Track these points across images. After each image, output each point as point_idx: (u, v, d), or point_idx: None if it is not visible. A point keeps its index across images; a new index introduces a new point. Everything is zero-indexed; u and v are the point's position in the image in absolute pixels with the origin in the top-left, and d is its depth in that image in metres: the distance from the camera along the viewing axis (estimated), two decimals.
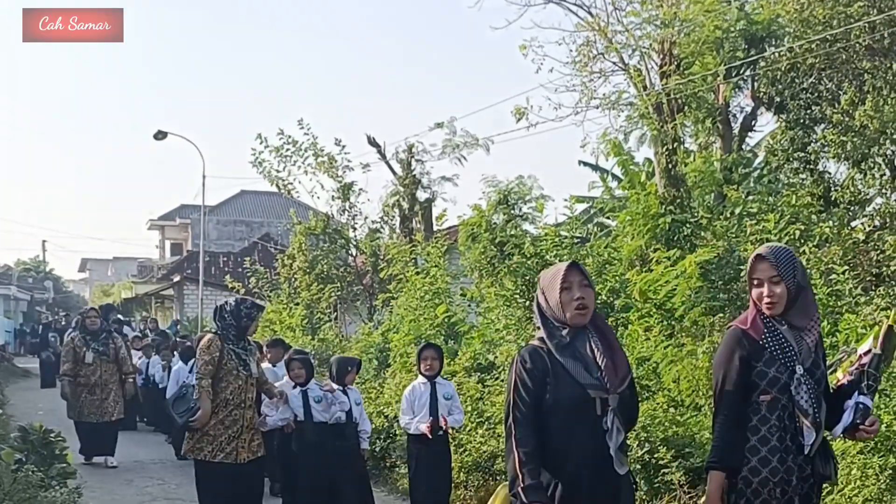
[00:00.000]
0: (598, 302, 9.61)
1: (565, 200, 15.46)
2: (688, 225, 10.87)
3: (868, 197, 11.40)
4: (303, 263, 16.81)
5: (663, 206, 11.13)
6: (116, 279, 52.39)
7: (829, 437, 3.88)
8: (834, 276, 8.14)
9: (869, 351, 3.71)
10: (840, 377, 3.93)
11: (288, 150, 16.74)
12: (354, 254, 17.45)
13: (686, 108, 12.31)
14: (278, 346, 9.41)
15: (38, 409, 15.95)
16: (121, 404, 10.52)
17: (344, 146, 16.83)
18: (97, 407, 10.27)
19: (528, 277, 10.30)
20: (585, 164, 19.07)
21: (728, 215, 10.62)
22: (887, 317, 3.95)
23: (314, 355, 14.32)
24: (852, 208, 11.26)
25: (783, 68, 11.66)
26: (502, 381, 9.12)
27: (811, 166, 11.75)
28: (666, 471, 6.62)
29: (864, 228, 10.60)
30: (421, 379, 7.09)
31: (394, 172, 17.18)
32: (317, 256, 16.79)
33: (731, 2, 12.22)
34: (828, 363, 6.25)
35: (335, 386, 7.27)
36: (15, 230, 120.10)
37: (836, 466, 3.89)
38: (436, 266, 12.74)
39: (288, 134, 16.78)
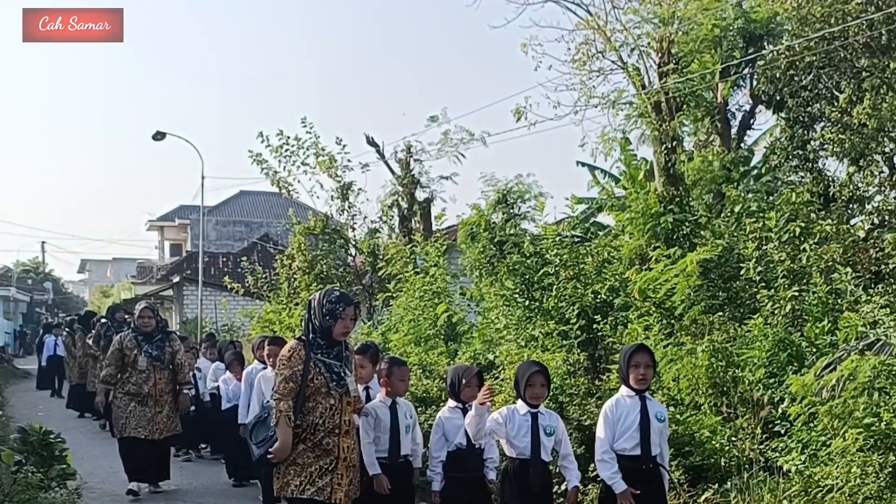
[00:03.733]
0: (598, 301, 9.66)
1: (566, 199, 15.48)
2: (687, 223, 10.87)
3: (867, 195, 11.40)
4: (302, 263, 16.79)
5: (663, 205, 11.13)
6: (116, 280, 52.30)
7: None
8: (836, 274, 8.14)
9: None
10: None
11: (288, 148, 16.70)
12: (354, 254, 17.43)
13: (685, 106, 12.31)
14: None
15: (38, 410, 15.96)
16: (176, 420, 8.94)
17: (345, 146, 16.83)
18: (148, 421, 8.66)
19: (527, 277, 10.29)
20: (583, 164, 19.05)
21: (727, 214, 10.62)
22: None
23: None
24: (851, 206, 11.26)
25: (781, 66, 11.66)
26: (502, 380, 9.11)
27: (810, 164, 11.75)
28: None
29: (864, 226, 10.60)
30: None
31: (392, 172, 17.18)
32: (316, 256, 16.77)
33: (728, 0, 12.22)
34: (828, 361, 6.26)
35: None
36: (14, 231, 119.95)
37: None
38: (435, 265, 12.72)
39: (288, 134, 16.76)
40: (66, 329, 18.99)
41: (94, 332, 14.35)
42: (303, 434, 5.06)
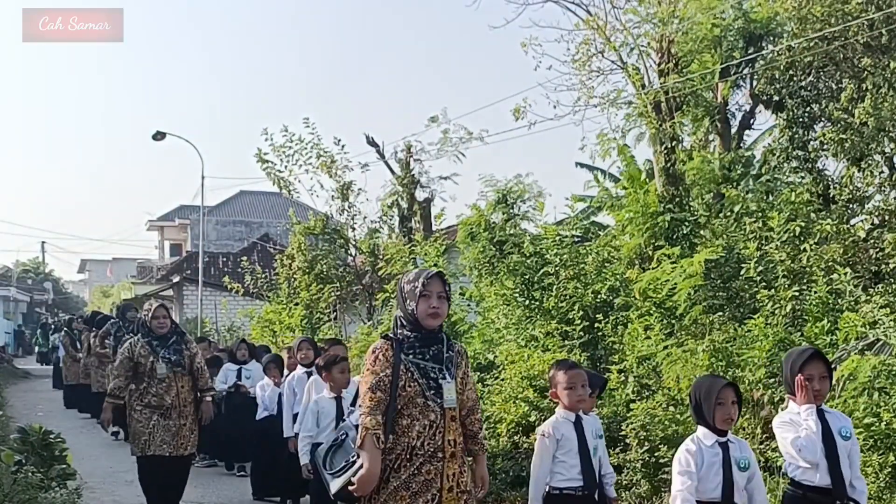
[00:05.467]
0: (598, 300, 9.67)
1: (566, 199, 15.49)
2: (686, 223, 10.88)
3: (867, 195, 11.41)
4: (302, 263, 16.78)
5: (662, 205, 11.14)
6: (116, 280, 52.30)
7: None
8: (835, 274, 8.15)
9: None
10: None
11: (290, 148, 16.68)
12: (354, 254, 17.43)
13: (684, 106, 12.32)
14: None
15: (38, 410, 15.96)
16: (196, 433, 7.74)
17: (344, 146, 16.83)
18: (173, 436, 7.43)
19: (527, 277, 10.29)
20: (583, 165, 19.06)
21: (727, 214, 10.62)
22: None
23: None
24: (851, 206, 11.27)
25: (781, 66, 11.67)
26: (503, 380, 9.12)
27: (810, 164, 11.75)
28: (667, 469, 6.62)
29: (864, 226, 10.60)
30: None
31: (392, 172, 17.18)
32: (316, 256, 16.77)
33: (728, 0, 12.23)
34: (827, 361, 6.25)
35: None
36: (14, 231, 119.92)
37: None
38: (434, 265, 12.72)
39: (291, 132, 16.75)
40: (65, 329, 18.99)
41: (101, 331, 14.29)
42: (396, 461, 3.92)
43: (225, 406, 10.05)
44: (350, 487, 3.95)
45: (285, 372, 8.57)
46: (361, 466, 3.87)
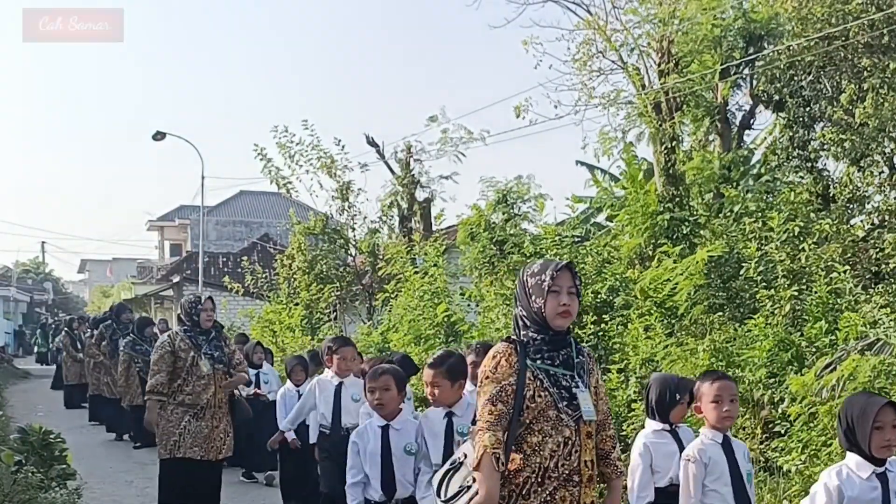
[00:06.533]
0: (599, 300, 9.66)
1: (566, 199, 15.50)
2: (686, 223, 10.88)
3: (867, 195, 11.42)
4: (302, 263, 16.79)
5: (662, 205, 11.15)
6: (116, 280, 52.32)
7: None
8: (835, 274, 8.15)
9: None
10: None
11: (292, 149, 16.67)
12: (354, 254, 17.44)
13: (685, 106, 12.32)
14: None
15: (38, 410, 15.96)
16: (231, 437, 7.21)
17: (344, 146, 16.84)
18: (204, 438, 6.89)
19: None
20: (583, 163, 19.07)
21: (727, 214, 10.63)
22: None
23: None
24: (851, 206, 11.27)
25: (782, 66, 11.67)
26: None
27: (810, 164, 11.76)
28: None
29: (864, 226, 10.61)
30: None
31: (392, 172, 17.18)
32: (316, 256, 16.78)
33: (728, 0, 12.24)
34: (828, 361, 6.26)
35: None
36: (14, 231, 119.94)
37: None
38: (434, 265, 12.74)
39: (292, 132, 16.75)
40: (66, 329, 18.98)
41: (96, 333, 14.23)
42: (525, 486, 3.34)
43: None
44: None
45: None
46: (477, 492, 3.30)
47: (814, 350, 7.27)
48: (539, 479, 3.34)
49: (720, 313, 8.55)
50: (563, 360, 3.45)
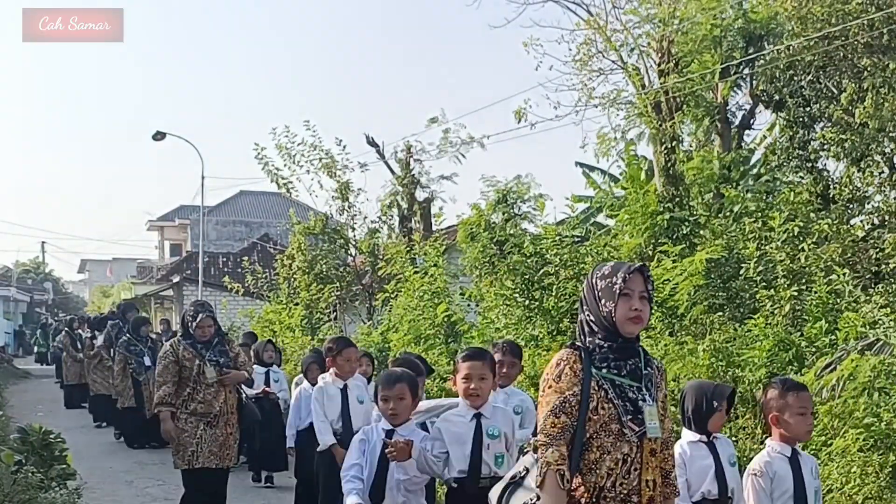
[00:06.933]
0: None
1: (566, 199, 15.51)
2: (686, 223, 10.89)
3: (867, 195, 11.42)
4: (302, 263, 16.79)
5: (662, 205, 11.15)
6: (116, 280, 52.33)
7: None
8: (834, 274, 8.15)
9: None
10: None
11: (293, 149, 16.65)
12: (354, 254, 17.44)
13: (685, 106, 12.33)
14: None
15: (38, 410, 15.96)
16: (238, 443, 7.27)
17: (345, 146, 16.84)
18: (219, 447, 6.86)
19: (527, 276, 10.30)
20: (582, 165, 19.09)
21: (727, 214, 10.63)
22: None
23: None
24: (851, 206, 11.27)
25: (781, 66, 11.67)
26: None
27: (810, 164, 11.76)
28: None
29: (864, 226, 10.61)
30: None
31: (392, 172, 17.19)
32: (316, 256, 16.78)
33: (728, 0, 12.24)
34: (828, 361, 6.25)
35: None
36: (14, 231, 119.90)
37: None
38: (434, 265, 12.74)
39: (294, 132, 16.74)
40: (66, 329, 18.99)
41: (103, 334, 14.19)
42: None
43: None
44: None
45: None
46: None
47: (814, 350, 7.27)
48: (593, 500, 3.14)
49: (720, 313, 8.55)
50: (631, 370, 3.24)
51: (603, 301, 3.24)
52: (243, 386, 7.51)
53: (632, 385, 3.21)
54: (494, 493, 3.41)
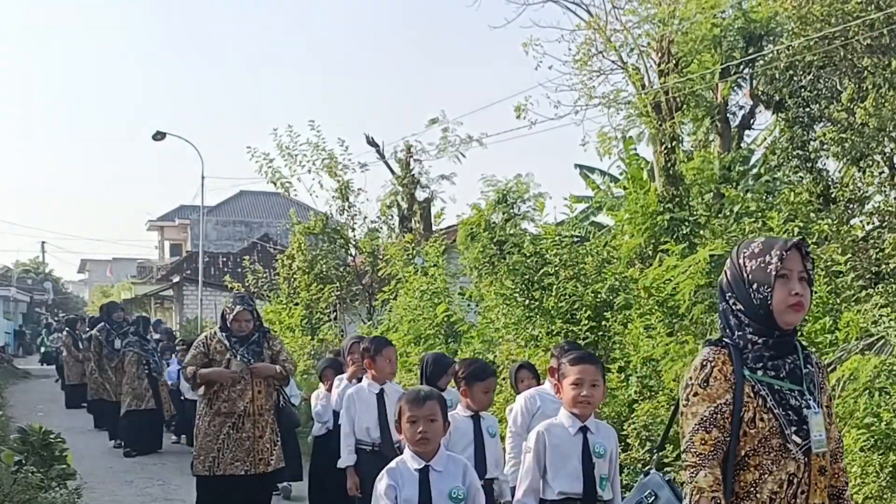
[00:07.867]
0: (598, 300, 9.67)
1: (565, 199, 15.52)
2: (686, 223, 10.89)
3: (867, 195, 11.41)
4: (302, 263, 16.79)
5: (662, 205, 11.15)
6: (116, 280, 52.33)
7: None
8: (834, 274, 8.15)
9: None
10: None
11: (294, 149, 16.62)
12: (354, 254, 17.44)
13: (685, 106, 12.33)
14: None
15: (38, 410, 15.96)
16: (280, 447, 6.66)
17: (347, 147, 16.84)
18: (247, 452, 6.37)
19: (527, 276, 10.30)
20: (582, 166, 19.09)
21: (727, 214, 10.63)
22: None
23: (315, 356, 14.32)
24: (851, 206, 11.27)
25: (781, 66, 11.67)
26: (503, 378, 9.11)
27: (810, 164, 11.76)
28: (668, 469, 6.61)
29: (864, 226, 10.61)
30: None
31: (392, 172, 17.19)
32: (316, 256, 16.78)
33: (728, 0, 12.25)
34: (828, 361, 6.25)
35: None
36: (14, 231, 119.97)
37: None
38: (434, 265, 12.73)
39: (296, 132, 16.73)
40: (67, 329, 18.98)
41: (91, 334, 14.12)
42: None
43: None
44: None
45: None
46: None
47: (814, 350, 7.26)
48: None
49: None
50: (790, 370, 2.66)
51: (755, 286, 2.65)
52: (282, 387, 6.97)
53: (792, 389, 2.64)
54: None
